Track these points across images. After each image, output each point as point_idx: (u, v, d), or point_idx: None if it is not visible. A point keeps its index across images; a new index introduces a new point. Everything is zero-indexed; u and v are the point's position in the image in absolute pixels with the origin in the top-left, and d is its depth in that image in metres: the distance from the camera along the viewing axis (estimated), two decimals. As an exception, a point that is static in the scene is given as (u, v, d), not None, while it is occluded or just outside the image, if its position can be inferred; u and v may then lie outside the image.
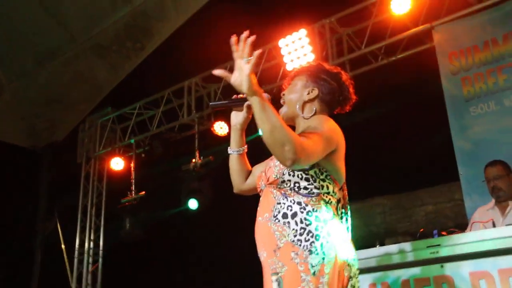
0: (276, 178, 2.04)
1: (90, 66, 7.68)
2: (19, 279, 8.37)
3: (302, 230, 1.95)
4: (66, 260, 7.94)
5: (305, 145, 1.89)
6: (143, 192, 7.47)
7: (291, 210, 1.99)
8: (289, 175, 2.03)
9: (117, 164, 8.06)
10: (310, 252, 1.92)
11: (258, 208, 2.11)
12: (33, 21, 6.94)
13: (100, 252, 8.06)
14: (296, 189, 2.02)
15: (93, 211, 8.21)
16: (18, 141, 8.57)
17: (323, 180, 2.05)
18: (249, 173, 2.36)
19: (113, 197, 8.04)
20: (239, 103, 2.23)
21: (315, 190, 2.03)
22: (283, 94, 2.30)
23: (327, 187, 2.06)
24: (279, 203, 2.02)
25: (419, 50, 5.80)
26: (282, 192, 2.03)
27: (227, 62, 6.78)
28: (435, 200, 5.73)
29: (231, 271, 6.50)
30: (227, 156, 2.38)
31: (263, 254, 2.02)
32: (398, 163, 6.11)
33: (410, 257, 3.09)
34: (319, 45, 6.13)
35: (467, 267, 2.90)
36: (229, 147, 2.32)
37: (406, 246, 3.14)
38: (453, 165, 5.01)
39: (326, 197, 2.06)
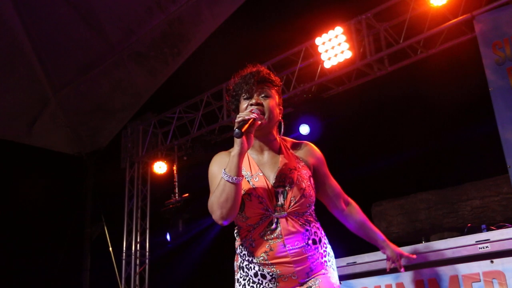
0: (308, 207, 2.22)
1: (129, 74, 7.85)
2: (70, 282, 8.63)
3: (325, 252, 2.26)
4: (114, 262, 8.15)
5: None
6: (187, 194, 7.58)
7: (317, 235, 2.24)
8: (313, 202, 2.27)
9: (160, 167, 8.21)
10: (333, 269, 2.27)
11: (279, 235, 2.15)
12: (74, 34, 7.17)
13: (147, 253, 8.22)
14: (312, 214, 2.27)
15: (139, 214, 8.39)
16: (64, 149, 8.84)
17: None
18: None
19: (157, 200, 8.19)
20: (254, 123, 2.13)
21: (313, 213, 2.29)
22: (265, 97, 2.26)
23: None
24: (307, 230, 2.20)
25: (460, 41, 5.66)
26: (305, 218, 2.22)
27: (265, 62, 6.81)
28: (482, 194, 5.56)
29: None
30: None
31: (291, 277, 2.17)
32: (442, 157, 5.99)
33: (458, 253, 3.02)
34: (356, 42, 6.07)
35: (519, 262, 2.82)
36: (231, 175, 2.08)
37: (454, 241, 3.07)
38: (499, 158, 4.87)
39: None
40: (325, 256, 2.24)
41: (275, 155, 2.28)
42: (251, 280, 2.19)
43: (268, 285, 2.17)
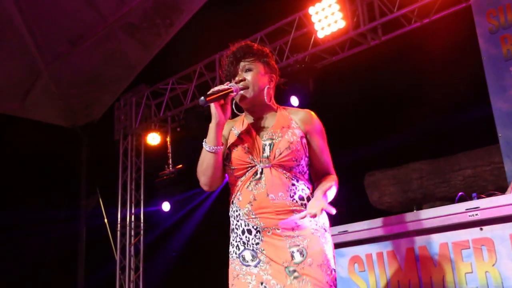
0: (295, 161, 2.22)
1: (122, 45, 7.77)
2: (66, 254, 8.72)
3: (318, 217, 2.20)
4: (109, 233, 8.23)
5: None
6: (181, 166, 7.61)
7: (305, 193, 2.24)
8: (303, 159, 2.26)
9: (153, 139, 8.21)
10: (325, 230, 2.23)
11: (263, 185, 2.18)
12: (64, 5, 7.06)
13: (141, 224, 8.30)
14: (305, 175, 2.28)
15: (133, 185, 8.42)
16: (58, 121, 8.82)
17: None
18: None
19: (151, 172, 8.22)
20: (228, 94, 2.18)
21: (307, 176, 2.30)
22: (247, 70, 2.28)
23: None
24: (294, 185, 2.21)
25: (454, 11, 5.62)
26: (292, 174, 2.22)
27: (257, 33, 6.75)
28: (474, 164, 5.61)
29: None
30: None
31: (275, 230, 2.17)
32: (434, 127, 6.01)
33: (448, 221, 3.05)
34: (349, 11, 6.02)
35: (508, 229, 2.85)
36: (209, 145, 2.20)
37: (444, 209, 3.10)
38: (491, 128, 4.89)
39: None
40: (315, 219, 2.18)
41: (272, 118, 2.33)
42: (241, 241, 2.22)
43: (254, 240, 2.18)
